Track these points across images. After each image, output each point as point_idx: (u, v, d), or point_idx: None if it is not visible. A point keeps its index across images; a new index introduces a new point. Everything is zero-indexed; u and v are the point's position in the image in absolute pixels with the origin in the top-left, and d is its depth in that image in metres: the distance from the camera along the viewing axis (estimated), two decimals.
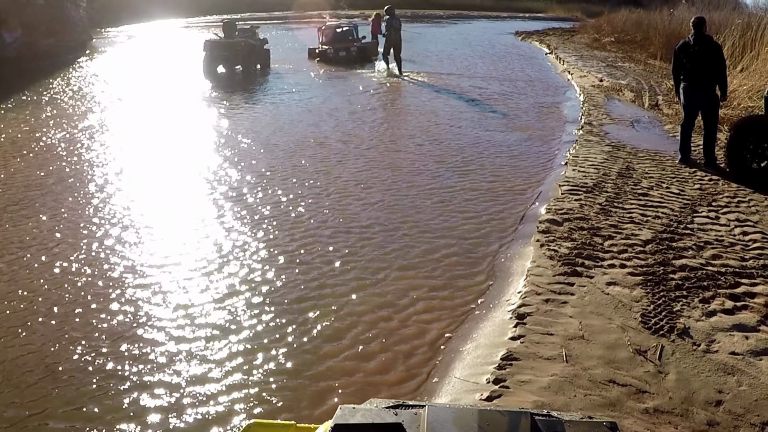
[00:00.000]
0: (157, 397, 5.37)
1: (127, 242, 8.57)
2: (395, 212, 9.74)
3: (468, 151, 13.23)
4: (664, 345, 5.75)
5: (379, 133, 14.98)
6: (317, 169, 11.92)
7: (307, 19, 52.03)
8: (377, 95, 20.55)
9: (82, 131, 14.67)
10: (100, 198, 10.34)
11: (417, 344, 6.17)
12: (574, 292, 6.81)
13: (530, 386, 5.18)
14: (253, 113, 16.91)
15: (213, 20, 48.39)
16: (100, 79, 22.76)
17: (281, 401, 5.32)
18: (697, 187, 10.57)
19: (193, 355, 5.93)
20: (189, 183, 11.11)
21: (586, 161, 12.10)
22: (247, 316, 6.69)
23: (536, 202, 10.08)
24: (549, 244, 8.12)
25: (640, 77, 24.42)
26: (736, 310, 6.43)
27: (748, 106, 16.06)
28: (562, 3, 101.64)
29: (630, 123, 15.98)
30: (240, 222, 9.27)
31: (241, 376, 5.63)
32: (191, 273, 7.65)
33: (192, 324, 6.49)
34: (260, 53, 26.24)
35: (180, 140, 14.00)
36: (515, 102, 19.31)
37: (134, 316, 6.67)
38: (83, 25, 31.97)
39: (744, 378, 5.29)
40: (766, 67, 18.10)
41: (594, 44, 39.88)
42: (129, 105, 17.87)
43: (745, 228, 8.74)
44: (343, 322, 6.56)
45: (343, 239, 8.68)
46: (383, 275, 7.63)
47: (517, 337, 5.94)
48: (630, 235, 8.40)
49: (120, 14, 45.78)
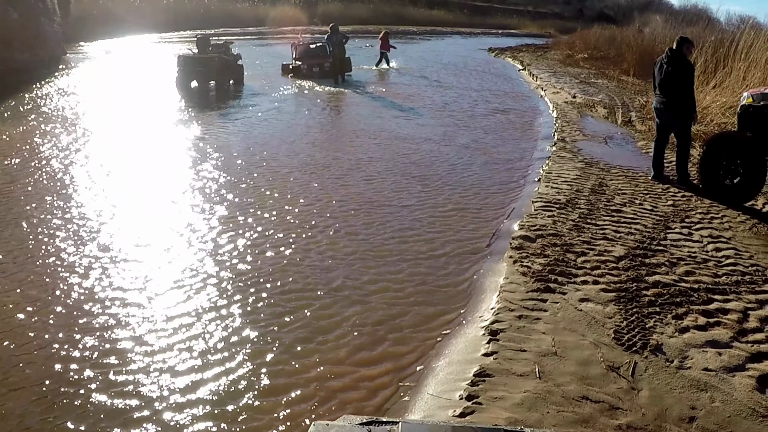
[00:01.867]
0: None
1: (76, 261, 8.45)
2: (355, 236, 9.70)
3: (437, 168, 13.17)
4: (637, 361, 5.73)
5: (348, 150, 14.94)
6: (292, 190, 11.83)
7: (281, 35, 51.99)
8: (348, 111, 20.54)
9: (54, 146, 14.47)
10: (61, 217, 10.16)
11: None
12: (547, 309, 6.79)
13: (503, 402, 5.15)
14: (224, 130, 16.69)
15: (187, 35, 48.25)
16: (74, 94, 22.58)
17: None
18: (670, 204, 10.62)
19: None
20: (152, 203, 10.72)
21: (559, 178, 12.13)
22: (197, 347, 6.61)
23: (509, 219, 10.07)
24: (522, 261, 8.10)
25: (613, 93, 24.61)
26: (709, 326, 6.44)
27: (721, 122, 16.18)
28: (535, 20, 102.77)
29: (603, 139, 16.07)
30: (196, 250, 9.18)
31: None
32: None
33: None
34: (234, 69, 26.18)
35: (147, 158, 13.61)
36: (488, 119, 19.35)
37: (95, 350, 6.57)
38: (57, 39, 31.84)
39: (717, 394, 5.28)
40: (739, 84, 18.24)
41: (567, 61, 40.22)
42: (100, 120, 17.62)
43: (718, 244, 8.79)
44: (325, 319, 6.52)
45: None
46: (348, 293, 7.58)
47: (490, 353, 5.90)
48: (603, 251, 8.40)
49: (94, 29, 45.54)
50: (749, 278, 7.69)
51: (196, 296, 7.34)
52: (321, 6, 79.02)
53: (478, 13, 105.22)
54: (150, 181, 11.85)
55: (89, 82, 25.97)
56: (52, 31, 31.05)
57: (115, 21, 49.84)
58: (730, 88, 18.53)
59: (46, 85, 24.81)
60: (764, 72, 17.63)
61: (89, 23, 45.69)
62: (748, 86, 16.26)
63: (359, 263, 8.35)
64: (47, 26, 30.51)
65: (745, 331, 6.37)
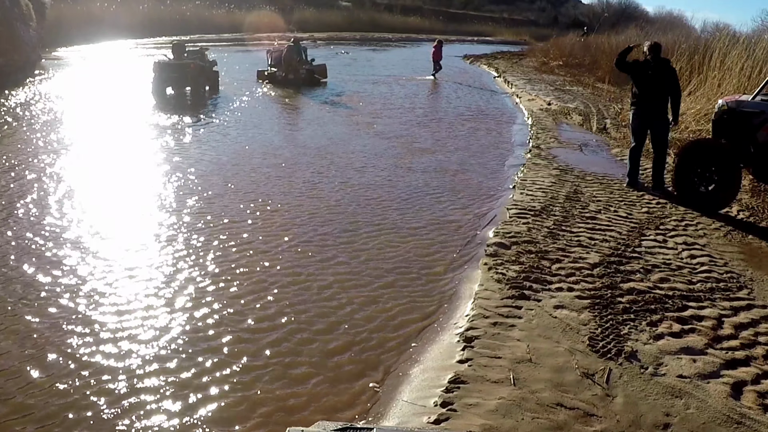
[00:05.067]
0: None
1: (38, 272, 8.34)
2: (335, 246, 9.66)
3: (410, 177, 13.14)
4: (611, 368, 5.73)
5: (329, 152, 14.88)
6: (268, 194, 11.77)
7: (257, 41, 51.94)
8: (322, 119, 20.42)
9: (23, 152, 14.29)
10: (22, 222, 10.03)
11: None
12: (522, 316, 6.77)
13: (478, 409, 5.13)
14: (198, 138, 16.48)
15: (162, 41, 48.03)
16: (47, 99, 22.34)
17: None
18: (644, 211, 10.66)
19: None
20: (120, 212, 10.42)
21: (534, 185, 12.15)
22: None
23: (484, 226, 10.06)
24: (497, 268, 8.08)
25: (588, 101, 24.74)
26: (684, 333, 6.46)
27: (695, 130, 16.31)
28: (510, 27, 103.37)
29: (578, 146, 16.14)
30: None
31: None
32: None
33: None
34: (209, 75, 26.03)
35: (120, 165, 13.27)
36: (461, 126, 19.42)
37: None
38: (33, 45, 31.59)
39: (691, 401, 5.29)
40: (714, 91, 18.37)
41: (542, 68, 40.45)
42: (71, 127, 17.36)
43: (693, 251, 8.83)
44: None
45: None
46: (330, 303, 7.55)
47: (465, 360, 5.88)
48: (578, 258, 8.41)
49: (70, 35, 45.24)
50: (724, 285, 7.73)
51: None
52: (296, 12, 79.07)
53: (453, 20, 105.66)
54: (109, 195, 11.39)
55: (64, 87, 25.75)
56: (27, 36, 30.77)
57: (90, 26, 49.55)
58: (705, 95, 18.70)
59: (20, 89, 24.59)
60: (739, 80, 17.77)
61: (65, 29, 45.40)
62: (723, 94, 16.37)
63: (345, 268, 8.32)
64: (23, 31, 30.22)
65: (720, 338, 6.40)
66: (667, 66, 11.76)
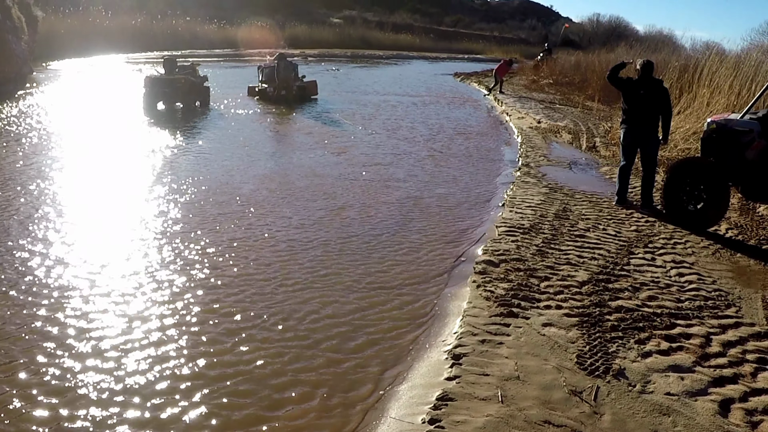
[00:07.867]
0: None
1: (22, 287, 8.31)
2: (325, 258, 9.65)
3: (400, 194, 13.14)
4: (599, 386, 5.72)
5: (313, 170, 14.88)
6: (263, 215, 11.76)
7: (248, 57, 52.00)
8: (313, 137, 20.43)
9: (7, 167, 14.22)
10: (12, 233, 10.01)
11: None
12: (510, 333, 6.77)
13: (465, 426, 5.12)
14: (187, 155, 16.43)
15: (154, 56, 48.12)
16: (37, 112, 22.28)
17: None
18: (633, 229, 10.68)
19: None
20: (106, 229, 10.38)
21: (524, 203, 12.16)
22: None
23: (473, 243, 10.07)
24: (485, 285, 8.08)
25: (577, 119, 24.82)
26: (672, 351, 6.46)
27: (684, 148, 16.36)
28: (501, 45, 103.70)
29: (567, 165, 16.17)
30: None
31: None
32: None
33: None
34: (200, 90, 26.03)
35: (107, 179, 13.24)
36: (451, 143, 19.41)
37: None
38: (24, 57, 31.58)
39: (679, 418, 5.29)
40: (703, 110, 18.45)
41: (532, 86, 40.57)
42: (61, 140, 17.34)
43: (681, 269, 8.84)
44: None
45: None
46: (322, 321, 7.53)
47: (453, 377, 5.87)
48: (566, 276, 8.41)
49: (62, 48, 45.33)
50: (712, 303, 7.74)
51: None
52: (288, 29, 79.32)
53: (444, 37, 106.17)
54: (95, 211, 11.30)
55: (54, 100, 25.75)
56: (19, 48, 30.76)
57: (83, 40, 49.66)
58: (695, 114, 18.77)
59: (10, 102, 24.56)
60: (728, 98, 17.85)
61: (57, 42, 45.49)
62: (712, 112, 16.45)
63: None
64: (14, 44, 30.21)
65: (708, 355, 6.40)
66: (659, 86, 11.80)
